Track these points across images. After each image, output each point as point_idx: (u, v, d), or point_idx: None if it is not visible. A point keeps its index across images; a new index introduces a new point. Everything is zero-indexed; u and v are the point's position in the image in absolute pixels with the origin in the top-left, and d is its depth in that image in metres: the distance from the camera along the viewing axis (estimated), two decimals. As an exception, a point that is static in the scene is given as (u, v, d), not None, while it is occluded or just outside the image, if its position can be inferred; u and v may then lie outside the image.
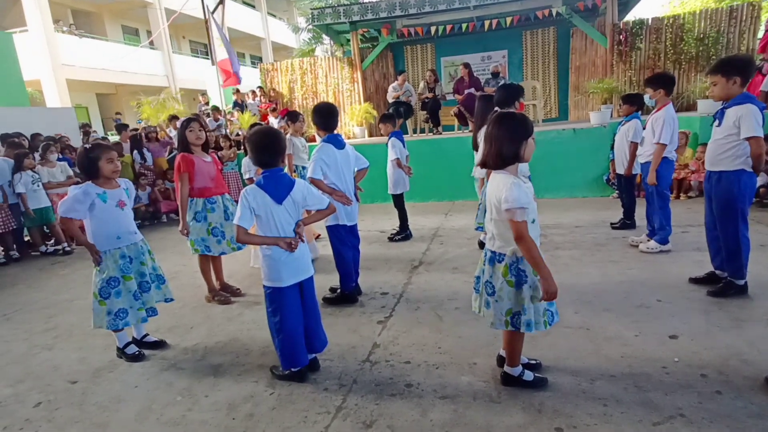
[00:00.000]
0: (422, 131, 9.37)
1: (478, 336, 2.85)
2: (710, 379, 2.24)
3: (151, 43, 17.72)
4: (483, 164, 2.17)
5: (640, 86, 8.89)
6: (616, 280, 3.59)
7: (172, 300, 3.12)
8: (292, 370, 2.51)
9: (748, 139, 2.88)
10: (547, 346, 2.67)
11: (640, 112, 4.70)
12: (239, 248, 3.69)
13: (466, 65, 8.48)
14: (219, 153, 7.21)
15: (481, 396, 2.27)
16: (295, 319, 2.46)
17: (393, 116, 5.55)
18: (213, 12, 9.30)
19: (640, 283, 3.50)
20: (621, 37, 8.76)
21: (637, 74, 8.90)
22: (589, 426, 1.99)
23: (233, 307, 3.67)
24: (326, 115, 3.46)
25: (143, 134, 8.27)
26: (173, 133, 7.80)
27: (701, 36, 8.50)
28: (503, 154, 2.03)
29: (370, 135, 9.92)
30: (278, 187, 2.39)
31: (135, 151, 7.74)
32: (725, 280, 3.18)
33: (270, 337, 2.54)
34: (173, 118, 7.80)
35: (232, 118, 9.15)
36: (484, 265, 2.21)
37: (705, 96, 7.50)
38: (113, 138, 9.84)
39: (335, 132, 3.51)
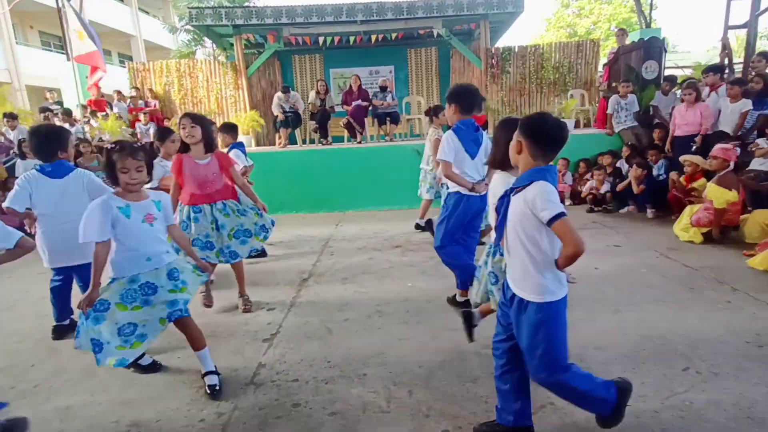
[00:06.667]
0: (311, 141, 9.24)
1: (368, 346, 2.80)
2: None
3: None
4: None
5: (511, 105, 9.95)
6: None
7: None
8: None
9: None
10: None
11: None
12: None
13: (358, 77, 8.58)
14: (78, 159, 6.28)
15: (371, 407, 2.21)
16: None
17: (235, 127, 4.95)
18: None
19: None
20: (493, 60, 9.67)
21: (507, 95, 9.89)
22: (472, 424, 2.05)
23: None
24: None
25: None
26: (11, 135, 6.54)
27: (557, 65, 9.78)
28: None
29: (258, 144, 9.50)
30: None
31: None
32: None
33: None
34: (11, 116, 6.52)
35: (92, 122, 7.98)
36: (488, 257, 2.31)
37: (564, 117, 8.64)
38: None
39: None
